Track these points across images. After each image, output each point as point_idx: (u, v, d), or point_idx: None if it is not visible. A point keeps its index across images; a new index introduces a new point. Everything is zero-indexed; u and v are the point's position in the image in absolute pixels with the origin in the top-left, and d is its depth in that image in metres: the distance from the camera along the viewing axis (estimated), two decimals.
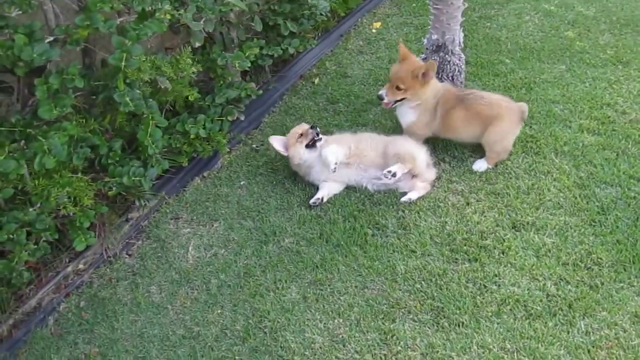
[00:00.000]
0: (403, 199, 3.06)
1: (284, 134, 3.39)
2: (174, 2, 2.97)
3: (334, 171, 3.09)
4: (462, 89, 3.36)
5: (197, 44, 3.14)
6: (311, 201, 3.11)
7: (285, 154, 3.23)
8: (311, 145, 3.18)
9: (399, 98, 3.22)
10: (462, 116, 3.17)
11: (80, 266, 2.94)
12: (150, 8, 2.71)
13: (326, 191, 3.14)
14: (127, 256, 3.01)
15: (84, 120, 2.72)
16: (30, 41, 2.29)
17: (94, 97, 2.78)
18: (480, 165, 3.26)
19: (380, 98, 3.25)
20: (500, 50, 4.33)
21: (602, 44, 4.35)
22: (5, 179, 2.38)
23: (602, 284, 2.54)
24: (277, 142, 3.24)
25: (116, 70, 2.56)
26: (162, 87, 2.91)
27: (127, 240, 3.08)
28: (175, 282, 2.83)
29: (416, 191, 3.09)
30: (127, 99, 2.57)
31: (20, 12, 2.24)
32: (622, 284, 2.54)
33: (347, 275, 2.72)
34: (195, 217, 3.17)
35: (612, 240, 2.74)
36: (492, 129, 3.15)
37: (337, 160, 3.08)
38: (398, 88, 3.18)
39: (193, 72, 3.06)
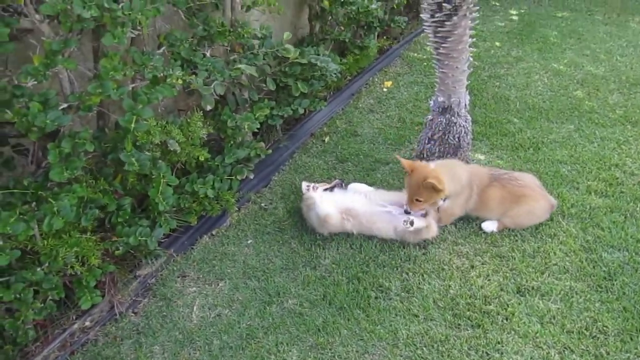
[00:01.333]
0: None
1: (293, 193, 3.68)
2: (186, 68, 3.11)
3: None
4: (491, 168, 3.40)
5: (209, 107, 3.25)
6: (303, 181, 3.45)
7: (304, 190, 3.47)
8: (330, 189, 3.49)
9: (422, 207, 3.17)
10: (498, 195, 3.20)
11: (87, 323, 2.97)
12: (161, 74, 2.83)
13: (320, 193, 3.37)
14: (133, 314, 3.03)
15: (94, 181, 2.81)
16: (45, 108, 2.40)
17: (105, 158, 2.88)
18: (489, 226, 3.26)
19: (407, 212, 3.18)
20: (509, 110, 4.37)
21: (611, 103, 4.37)
22: (15, 240, 2.46)
23: (608, 353, 2.49)
24: (304, 184, 3.53)
25: (126, 132, 2.66)
26: (172, 149, 3.00)
27: (134, 298, 3.11)
28: (179, 342, 2.83)
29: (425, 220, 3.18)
30: (133, 159, 2.66)
31: (36, 82, 2.35)
32: (628, 354, 2.48)
33: (348, 339, 2.71)
34: (201, 276, 3.20)
35: (619, 308, 2.69)
36: (522, 207, 3.18)
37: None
38: (418, 200, 3.12)
39: (203, 134, 3.17)
